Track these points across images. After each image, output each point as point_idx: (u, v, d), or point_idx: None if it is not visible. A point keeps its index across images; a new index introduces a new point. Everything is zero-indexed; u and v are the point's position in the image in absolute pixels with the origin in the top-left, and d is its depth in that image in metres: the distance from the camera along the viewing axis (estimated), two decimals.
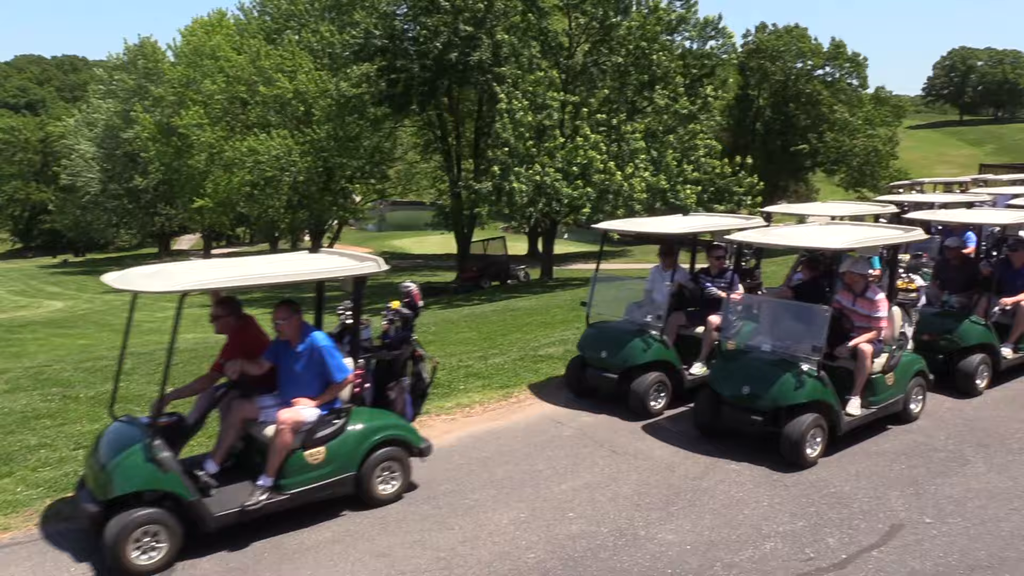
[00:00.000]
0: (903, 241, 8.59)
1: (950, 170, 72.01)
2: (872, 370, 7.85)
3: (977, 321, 9.48)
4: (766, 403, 7.43)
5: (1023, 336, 9.89)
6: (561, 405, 9.21)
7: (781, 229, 9.88)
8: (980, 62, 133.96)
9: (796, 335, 7.75)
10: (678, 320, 9.25)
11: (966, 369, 9.21)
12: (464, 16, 27.78)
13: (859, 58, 60.92)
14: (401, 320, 7.27)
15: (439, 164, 40.72)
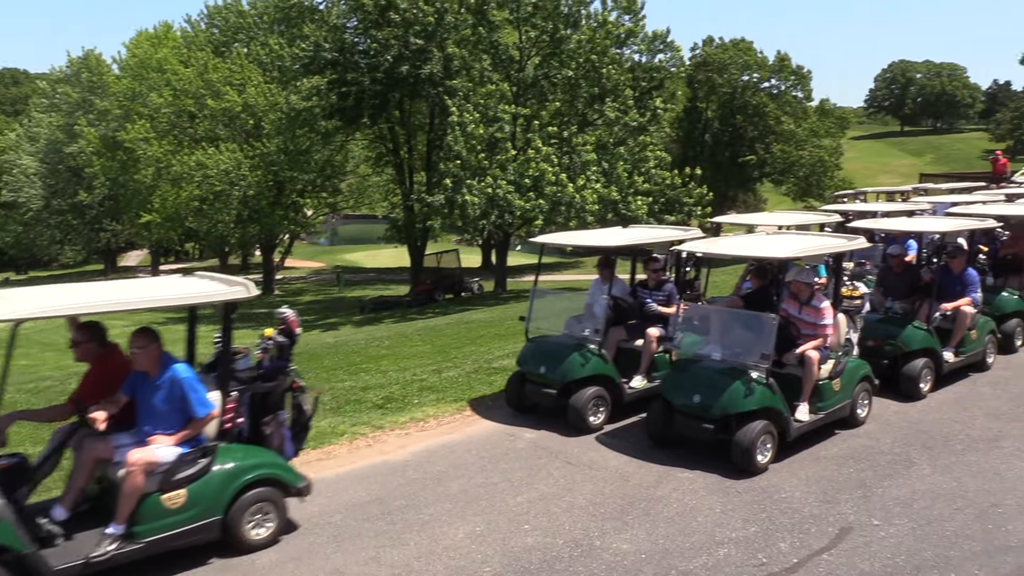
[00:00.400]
0: (847, 249, 8.70)
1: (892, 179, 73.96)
2: (819, 376, 7.98)
3: (919, 326, 9.68)
4: (717, 411, 7.50)
5: (964, 340, 10.10)
6: (516, 417, 9.21)
7: (729, 239, 9.95)
8: (919, 75, 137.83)
9: (745, 343, 7.83)
10: (618, 334, 9.23)
11: (910, 373, 9.38)
12: (415, 29, 27.78)
13: (803, 71, 62.33)
14: (276, 349, 6.77)
15: (391, 177, 40.56)
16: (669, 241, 10.06)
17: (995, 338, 10.81)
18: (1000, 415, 8.85)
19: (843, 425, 8.49)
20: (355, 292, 41.76)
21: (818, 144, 60.44)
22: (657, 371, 9.12)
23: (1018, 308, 11.44)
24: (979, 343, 10.41)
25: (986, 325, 10.62)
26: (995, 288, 11.62)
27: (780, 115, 59.60)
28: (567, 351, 8.78)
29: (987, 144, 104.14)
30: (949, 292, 10.16)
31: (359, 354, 14.67)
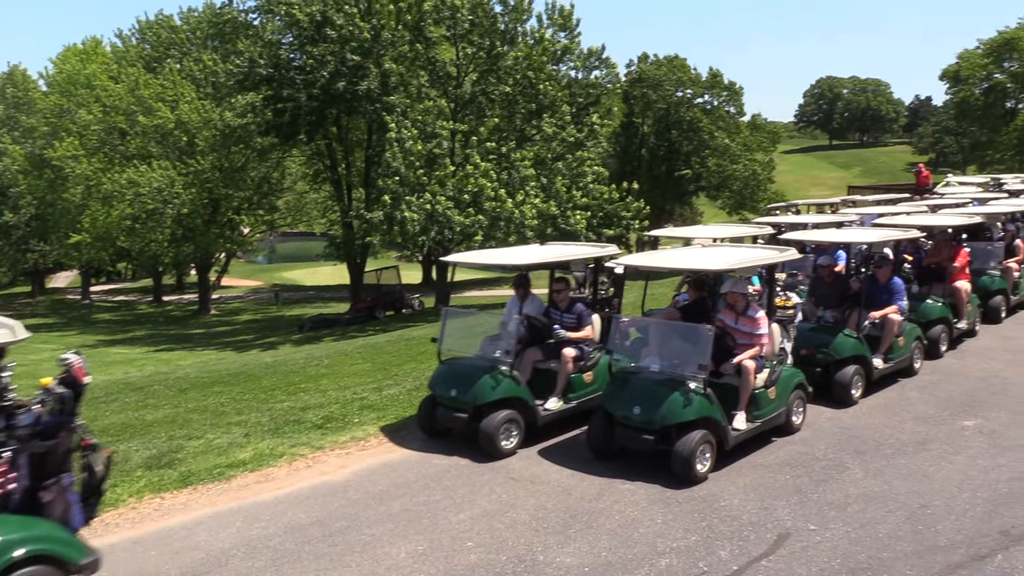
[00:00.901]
0: (779, 261, 8.87)
1: (822, 192, 76.10)
2: (755, 385, 8.12)
3: (850, 334, 9.89)
4: (657, 422, 7.54)
5: (892, 347, 10.37)
6: (457, 433, 9.16)
7: (665, 253, 10.09)
8: (846, 90, 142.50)
9: (682, 355, 7.93)
10: (534, 355, 8.95)
11: (842, 380, 9.58)
12: (351, 45, 27.68)
13: (735, 87, 63.82)
14: (57, 401, 5.54)
15: (329, 194, 40.24)
16: (585, 259, 9.92)
17: (921, 344, 11.07)
18: (927, 419, 9.13)
19: (779, 432, 8.61)
20: (294, 310, 41.23)
21: (751, 158, 61.85)
22: (575, 392, 8.94)
23: (942, 315, 11.82)
24: (906, 349, 10.67)
25: (912, 332, 10.89)
26: (920, 296, 12.01)
27: (714, 130, 60.85)
28: (478, 373, 8.48)
29: (911, 157, 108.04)
30: (877, 301, 10.42)
31: (298, 374, 14.46)
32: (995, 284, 13.86)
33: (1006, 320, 13.99)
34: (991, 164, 56.73)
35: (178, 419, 11.00)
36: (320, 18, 28.11)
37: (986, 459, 7.86)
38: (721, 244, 12.01)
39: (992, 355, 11.85)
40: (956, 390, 10.18)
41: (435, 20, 28.46)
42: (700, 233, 13.58)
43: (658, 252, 10.39)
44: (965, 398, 9.84)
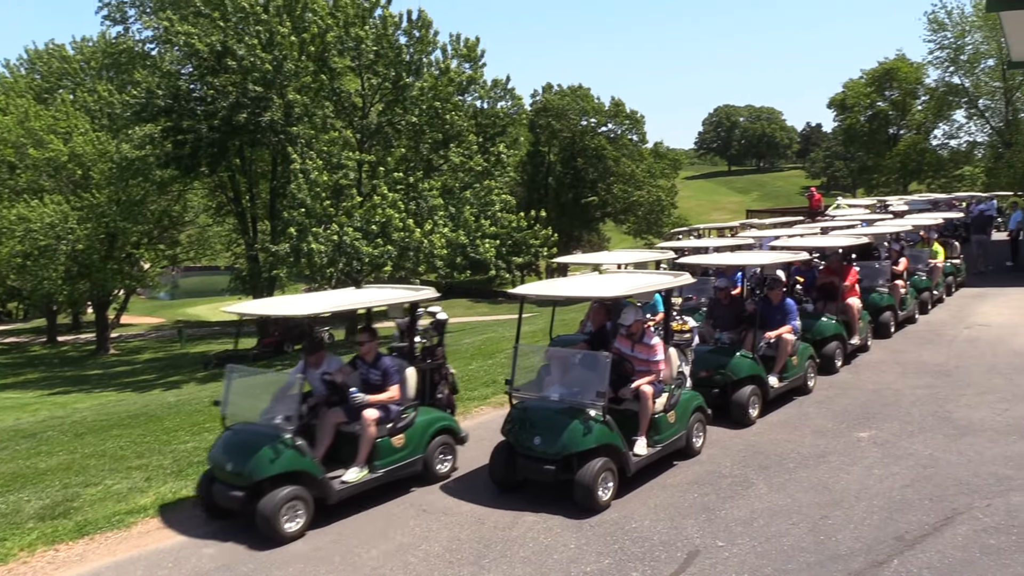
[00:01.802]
0: (676, 285, 9.06)
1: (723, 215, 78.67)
2: (655, 410, 8.20)
3: (746, 355, 10.18)
4: (557, 451, 7.54)
5: (786, 366, 10.70)
6: None
7: (564, 280, 10.07)
8: (742, 118, 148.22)
9: (581, 383, 7.94)
10: (335, 417, 7.93)
11: (739, 401, 9.81)
12: (253, 76, 27.28)
13: (637, 115, 65.55)
14: None
15: (234, 226, 39.35)
16: (400, 303, 8.82)
17: (815, 362, 11.45)
18: (826, 432, 9.49)
19: (680, 456, 8.74)
20: (198, 347, 39.98)
21: (655, 184, 63.47)
22: (382, 459, 7.86)
23: (836, 332, 12.35)
24: (800, 368, 11.02)
25: (806, 351, 11.26)
26: (815, 314, 12.51)
27: (619, 157, 62.25)
28: (258, 443, 7.31)
29: (804, 181, 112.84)
30: (771, 321, 10.79)
31: (202, 412, 14.02)
32: (884, 301, 14.56)
33: (895, 335, 14.71)
34: (877, 187, 59.77)
35: (74, 465, 10.52)
36: (221, 48, 27.64)
37: (881, 468, 8.22)
38: (626, 270, 12.23)
39: (884, 368, 12.43)
40: (851, 403, 10.62)
41: (339, 51, 28.34)
42: (606, 259, 13.65)
43: (558, 280, 10.37)
44: (860, 411, 10.27)
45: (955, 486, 7.64)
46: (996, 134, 55.70)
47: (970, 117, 58.49)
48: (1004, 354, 13.08)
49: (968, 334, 14.79)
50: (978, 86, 55.91)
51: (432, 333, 9.38)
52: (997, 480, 7.74)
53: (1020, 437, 8.96)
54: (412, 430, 8.26)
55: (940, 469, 8.11)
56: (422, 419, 8.45)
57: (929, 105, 60.31)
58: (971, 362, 12.64)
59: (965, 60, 54.77)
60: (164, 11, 32.96)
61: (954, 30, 54.00)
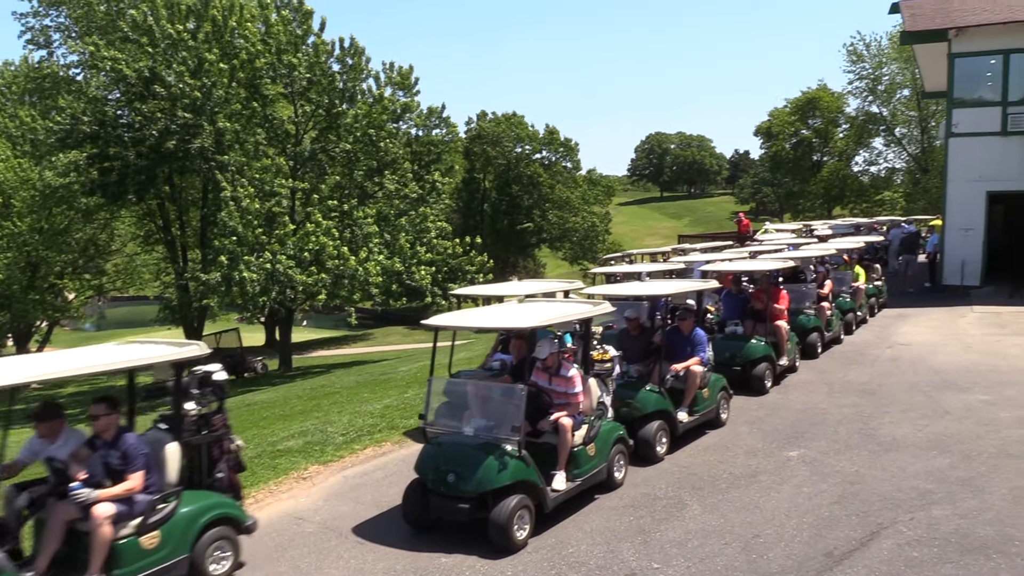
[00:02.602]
0: (593, 315, 8.72)
1: (656, 240, 79.87)
2: (574, 443, 7.99)
3: (653, 389, 9.85)
4: (471, 489, 7.24)
5: (696, 399, 10.34)
6: (303, 500, 8.90)
7: (476, 311, 9.53)
8: (673, 145, 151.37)
9: (496, 417, 7.67)
10: (65, 513, 6.22)
11: (645, 436, 9.41)
12: (183, 103, 26.85)
13: (571, 143, 66.39)
14: None
15: (163, 255, 38.42)
16: (164, 362, 6.90)
17: (728, 394, 11.14)
18: (757, 452, 9.69)
19: (602, 489, 8.52)
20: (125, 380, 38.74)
21: (589, 210, 64.25)
22: (124, 566, 6.22)
23: (766, 353, 12.65)
24: (711, 400, 10.69)
25: (718, 383, 10.94)
26: (744, 336, 12.80)
27: (553, 184, 62.89)
28: None
29: (734, 206, 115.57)
30: (680, 353, 10.48)
31: None
32: (811, 323, 14.99)
33: (822, 355, 15.13)
34: (803, 212, 61.62)
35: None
36: (149, 74, 27.16)
37: (809, 486, 8.42)
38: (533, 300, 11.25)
39: (811, 388, 12.76)
40: (781, 423, 10.87)
41: (271, 78, 28.12)
42: (507, 291, 12.77)
43: (466, 311, 9.77)
44: (789, 430, 10.52)
45: (880, 501, 7.88)
46: (913, 161, 58.15)
47: (888, 144, 61.05)
48: (925, 372, 13.57)
49: (891, 354, 15.31)
50: (895, 115, 58.40)
51: (209, 398, 7.67)
52: (919, 494, 8.00)
53: (940, 452, 9.30)
54: (171, 524, 6.53)
55: (866, 485, 8.35)
56: (187, 509, 6.69)
57: (850, 133, 62.66)
58: (894, 381, 13.08)
59: (882, 90, 57.24)
60: (90, 36, 32.30)
61: (872, 62, 56.42)
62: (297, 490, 9.27)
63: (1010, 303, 20.51)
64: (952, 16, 22.96)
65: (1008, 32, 21.61)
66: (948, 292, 22.44)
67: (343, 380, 20.32)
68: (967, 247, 22.56)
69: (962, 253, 22.61)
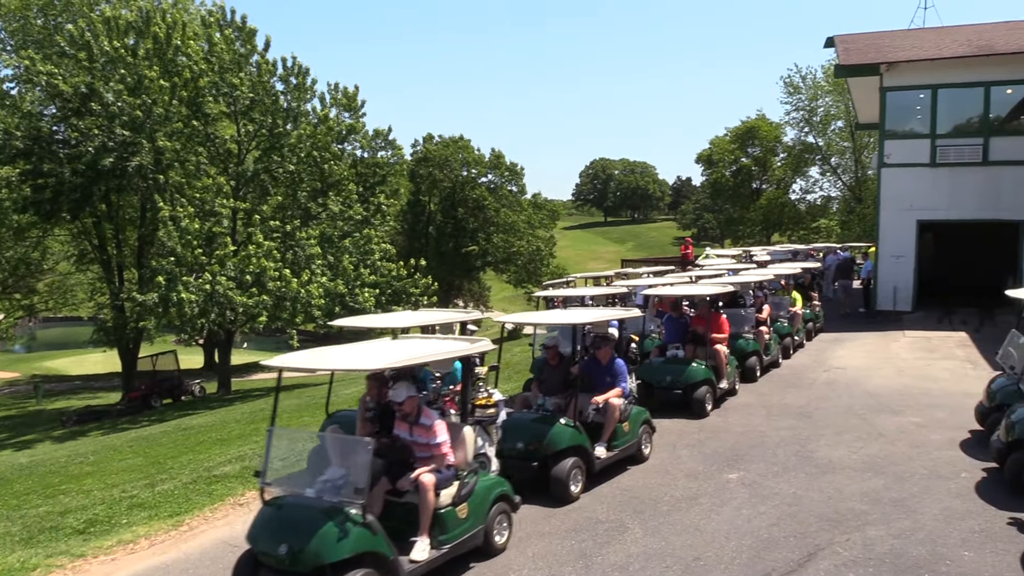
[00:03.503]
0: (470, 353, 7.73)
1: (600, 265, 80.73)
2: (439, 504, 6.96)
3: (568, 424, 9.19)
4: (306, 562, 6.10)
5: (616, 433, 9.81)
6: (238, 527, 8.68)
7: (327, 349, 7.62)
8: (617, 171, 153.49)
9: (340, 475, 6.55)
10: None
11: (558, 475, 8.86)
12: (121, 120, 26.28)
13: (517, 167, 66.83)
14: None
15: (98, 275, 37.41)
16: None
17: (650, 428, 10.67)
18: (697, 475, 9.78)
19: (478, 556, 7.53)
20: (57, 403, 37.49)
21: (534, 234, 64.61)
22: None
23: (706, 377, 12.80)
24: (633, 435, 10.19)
25: (639, 416, 10.46)
26: (685, 360, 12.95)
27: (499, 207, 63.14)
28: None
29: (676, 232, 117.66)
30: (599, 384, 9.99)
31: (57, 474, 13.16)
32: (750, 346, 15.24)
33: (761, 379, 15.39)
34: (743, 238, 62.91)
35: None
36: (86, 90, 26.55)
37: (749, 508, 8.52)
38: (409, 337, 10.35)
39: (751, 411, 12.96)
40: (721, 445, 11.00)
41: (213, 96, 27.74)
42: (384, 322, 11.39)
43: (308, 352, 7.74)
44: (729, 452, 10.64)
45: (817, 522, 8.01)
46: (848, 189, 59.89)
47: (824, 173, 62.86)
48: (860, 395, 13.90)
49: (827, 377, 15.65)
50: (830, 145, 60.21)
51: None
52: (855, 515, 8.16)
53: (875, 474, 9.50)
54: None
55: (803, 507, 8.49)
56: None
57: (787, 162, 64.35)
58: (830, 404, 13.36)
59: (818, 121, 59.01)
60: (26, 49, 31.45)
61: (807, 93, 58.15)
62: (233, 516, 9.05)
63: (939, 328, 21.17)
64: (884, 51, 23.83)
65: (936, 68, 22.50)
66: (881, 317, 23.06)
67: (283, 404, 19.99)
68: (899, 274, 23.28)
69: (894, 279, 23.33)
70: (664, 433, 11.64)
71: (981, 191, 22.37)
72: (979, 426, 10.96)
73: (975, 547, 7.26)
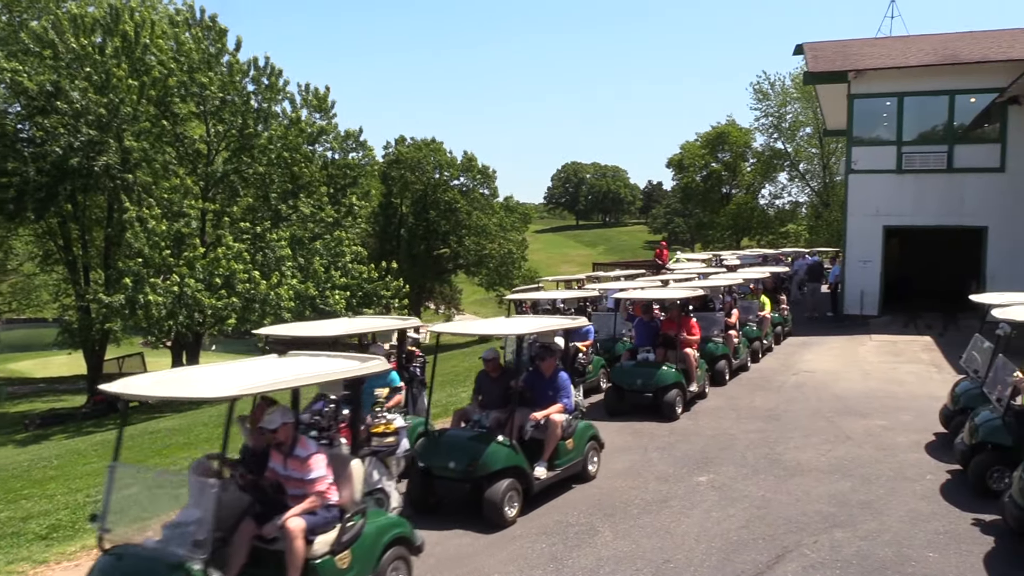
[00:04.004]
0: (360, 374, 6.61)
1: (572, 268, 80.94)
2: (312, 553, 5.89)
3: (503, 443, 8.47)
4: None
5: (558, 451, 9.13)
6: None
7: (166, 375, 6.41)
8: (588, 175, 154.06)
9: (184, 523, 5.57)
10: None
11: (492, 499, 8.18)
12: (87, 119, 25.92)
13: (489, 170, 66.73)
14: None
15: (63, 276, 36.83)
16: None
17: (597, 444, 9.96)
18: (668, 477, 9.82)
19: None
20: (21, 406, 36.81)
21: (506, 237, 64.60)
22: None
23: (676, 380, 12.86)
24: (577, 452, 9.49)
25: (585, 432, 9.76)
26: (655, 364, 13.00)
27: (471, 210, 63.02)
28: None
29: (648, 236, 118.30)
30: (542, 398, 9.26)
31: (20, 478, 12.94)
32: (720, 350, 15.36)
33: (730, 382, 15.51)
34: (713, 242, 63.41)
35: None
36: (52, 88, 26.15)
37: (718, 511, 8.57)
38: None
39: (720, 414, 13.05)
40: (691, 448, 11.06)
41: (182, 96, 27.44)
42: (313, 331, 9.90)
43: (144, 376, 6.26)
44: (699, 455, 10.71)
45: (785, 525, 8.08)
46: (816, 195, 60.60)
47: (792, 179, 63.58)
48: (827, 398, 14.06)
49: (795, 380, 15.82)
50: (799, 151, 60.93)
51: None
52: (822, 517, 8.24)
53: (842, 476, 9.61)
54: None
55: (772, 509, 8.56)
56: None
57: (756, 167, 64.99)
58: (798, 406, 13.50)
59: (787, 127, 59.70)
60: None
61: (776, 100, 58.79)
62: None
63: (905, 332, 21.49)
64: (852, 59, 24.16)
65: (903, 76, 22.87)
66: (848, 321, 23.36)
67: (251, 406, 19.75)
68: (866, 278, 23.60)
69: (861, 284, 23.64)
70: (635, 436, 11.70)
71: (945, 197, 22.77)
72: (943, 429, 11.14)
73: (940, 548, 7.38)
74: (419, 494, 8.75)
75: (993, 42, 23.85)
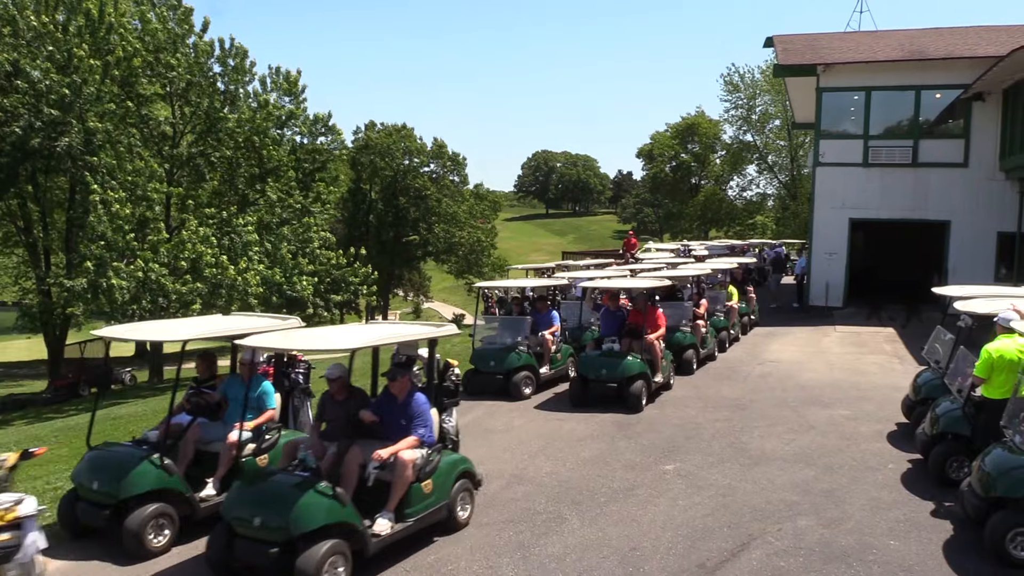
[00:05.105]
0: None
1: (541, 256, 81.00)
2: None
3: (325, 490, 6.57)
4: None
5: (409, 499, 7.27)
6: None
7: None
8: (559, 164, 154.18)
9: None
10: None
11: (305, 568, 6.17)
12: (49, 99, 25.33)
13: (459, 157, 66.47)
14: None
15: (22, 258, 36.10)
16: None
17: (471, 483, 8.15)
18: (635, 466, 9.88)
19: None
20: None
21: (475, 225, 64.47)
22: None
23: (641, 370, 12.89)
24: (439, 496, 7.61)
25: (453, 468, 7.89)
26: (620, 354, 13.01)
27: (441, 197, 62.77)
28: None
29: (617, 225, 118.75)
30: (393, 429, 7.53)
31: None
32: (687, 340, 15.46)
33: (697, 372, 15.63)
34: (682, 232, 63.83)
35: None
36: (10, 68, 25.51)
37: (684, 499, 8.64)
38: None
39: (687, 404, 13.14)
40: (658, 437, 11.13)
41: (148, 77, 26.93)
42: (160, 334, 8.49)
43: None
44: (666, 444, 10.78)
45: (750, 513, 8.16)
46: (783, 187, 61.19)
47: (761, 171, 64.17)
48: (792, 388, 14.22)
49: (761, 370, 15.98)
50: (767, 144, 61.48)
51: None
52: (786, 506, 8.34)
53: (806, 465, 9.73)
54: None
55: (737, 498, 8.64)
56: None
57: (726, 159, 65.51)
58: (764, 396, 13.64)
59: (756, 120, 60.14)
60: None
61: (746, 92, 59.20)
62: None
63: (869, 323, 21.80)
64: (821, 52, 24.37)
65: (870, 71, 23.13)
66: (814, 312, 23.65)
67: None
68: (831, 270, 23.90)
69: (827, 276, 23.94)
70: (601, 425, 11.74)
71: (910, 191, 23.10)
72: (905, 419, 11.32)
73: (900, 536, 7.50)
74: (218, 556, 6.73)
75: (959, 39, 24.20)
